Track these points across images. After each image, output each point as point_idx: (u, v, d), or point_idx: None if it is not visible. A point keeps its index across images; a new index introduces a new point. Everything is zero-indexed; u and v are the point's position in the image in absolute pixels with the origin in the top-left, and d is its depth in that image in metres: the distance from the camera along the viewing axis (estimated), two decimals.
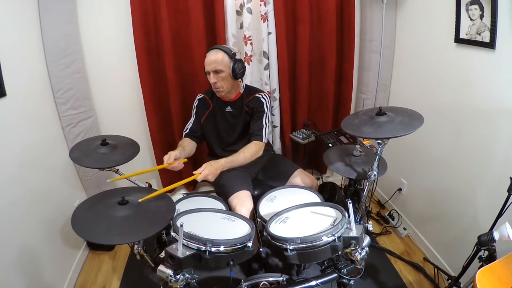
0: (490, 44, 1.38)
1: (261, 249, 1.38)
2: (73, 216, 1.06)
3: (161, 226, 1.02)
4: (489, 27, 1.37)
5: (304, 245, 1.06)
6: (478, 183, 1.57)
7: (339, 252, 1.11)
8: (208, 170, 1.45)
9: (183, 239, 1.03)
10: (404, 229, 2.14)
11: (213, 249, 1.04)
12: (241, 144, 1.76)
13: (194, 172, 1.45)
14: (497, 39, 1.36)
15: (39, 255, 1.58)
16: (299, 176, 1.77)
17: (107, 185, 1.97)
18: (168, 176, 2.31)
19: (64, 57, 1.80)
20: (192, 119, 1.81)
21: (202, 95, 1.82)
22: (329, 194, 2.10)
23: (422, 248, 2.01)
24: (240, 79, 1.73)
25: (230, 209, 1.52)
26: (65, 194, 1.89)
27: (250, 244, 1.09)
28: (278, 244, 1.09)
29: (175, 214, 1.39)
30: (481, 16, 1.40)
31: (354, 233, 1.10)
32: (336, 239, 1.07)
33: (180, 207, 1.45)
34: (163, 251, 1.08)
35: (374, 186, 2.36)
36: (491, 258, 1.17)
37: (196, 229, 1.15)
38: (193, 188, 2.45)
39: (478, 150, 1.55)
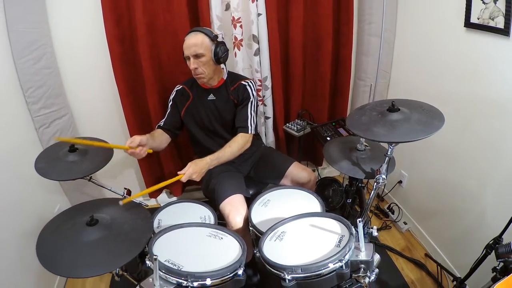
0: (504, 31, 1.25)
1: (254, 251, 1.27)
2: (38, 242, 0.93)
3: (136, 252, 0.89)
4: (504, 12, 1.23)
5: (305, 275, 0.91)
6: (487, 178, 1.46)
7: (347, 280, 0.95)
8: (192, 169, 1.37)
9: (160, 271, 0.89)
10: (405, 223, 2.05)
11: (196, 284, 0.88)
12: (229, 136, 1.62)
13: (178, 173, 1.35)
14: None
15: (15, 274, 1.43)
16: (295, 170, 1.65)
17: (89, 186, 1.80)
18: (152, 179, 2.14)
19: (32, 51, 1.61)
20: (168, 111, 1.67)
21: (181, 86, 1.68)
22: (332, 193, 1.99)
23: (424, 244, 1.92)
24: (223, 65, 1.58)
25: (223, 216, 1.41)
26: (44, 200, 1.74)
27: (240, 271, 0.95)
28: (274, 271, 0.95)
29: (156, 226, 1.28)
30: (495, 0, 1.26)
31: (363, 255, 0.93)
32: (343, 265, 0.91)
33: (162, 217, 1.33)
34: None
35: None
36: (506, 270, 1.06)
37: (176, 254, 1.01)
38: (181, 192, 2.28)
39: (488, 144, 1.43)
